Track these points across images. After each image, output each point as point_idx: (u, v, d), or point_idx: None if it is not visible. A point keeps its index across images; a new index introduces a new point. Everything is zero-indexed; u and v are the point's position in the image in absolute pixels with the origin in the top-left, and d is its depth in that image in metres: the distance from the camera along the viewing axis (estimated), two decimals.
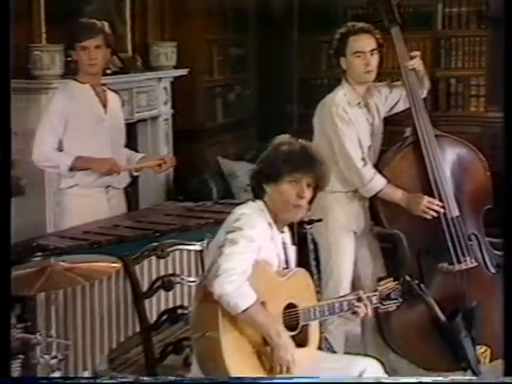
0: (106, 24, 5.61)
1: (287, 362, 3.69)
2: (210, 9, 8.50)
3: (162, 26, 7.93)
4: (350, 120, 4.95)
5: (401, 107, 5.26)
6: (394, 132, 5.28)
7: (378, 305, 4.10)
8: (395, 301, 4.14)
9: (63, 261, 3.87)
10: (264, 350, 3.77)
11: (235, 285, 3.58)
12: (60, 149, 5.26)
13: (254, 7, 9.20)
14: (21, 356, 4.15)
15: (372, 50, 4.98)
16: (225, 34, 8.88)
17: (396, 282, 4.18)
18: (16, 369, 4.21)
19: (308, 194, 3.88)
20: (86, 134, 5.28)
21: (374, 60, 5.01)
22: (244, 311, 3.60)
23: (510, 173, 2.72)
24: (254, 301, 3.62)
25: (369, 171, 4.93)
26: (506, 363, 2.35)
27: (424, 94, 5.20)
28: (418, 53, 5.17)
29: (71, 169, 5.22)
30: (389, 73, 5.40)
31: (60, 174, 5.33)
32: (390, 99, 5.23)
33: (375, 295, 4.08)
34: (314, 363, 3.94)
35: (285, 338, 3.71)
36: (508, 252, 2.51)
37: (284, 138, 4.03)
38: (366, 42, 4.99)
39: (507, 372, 2.38)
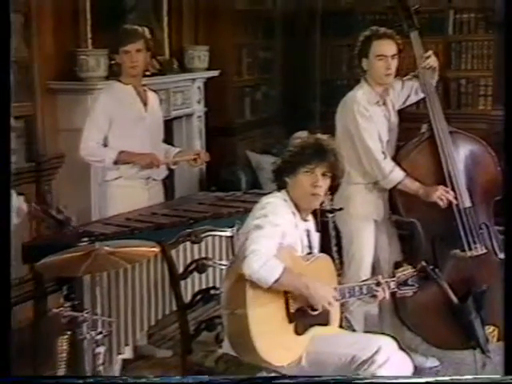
0: (146, 30, 5.61)
1: (325, 301, 3.77)
2: (239, 15, 8.50)
3: (196, 32, 7.94)
4: (370, 117, 4.95)
5: (413, 99, 5.26)
6: (409, 128, 5.25)
7: (396, 290, 4.11)
8: (412, 287, 4.16)
9: (107, 245, 3.88)
10: (286, 324, 3.81)
11: (261, 262, 3.63)
12: (105, 144, 5.29)
13: (280, 14, 9.20)
14: (68, 332, 4.20)
15: (393, 55, 4.97)
16: (253, 38, 8.88)
17: (413, 270, 4.18)
18: (64, 345, 4.25)
19: (323, 183, 3.92)
20: (128, 130, 5.30)
21: (394, 64, 5.00)
22: (274, 283, 3.66)
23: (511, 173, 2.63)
24: (280, 273, 3.66)
25: (388, 164, 4.93)
26: (506, 363, 2.26)
27: (434, 83, 5.18)
28: (431, 52, 5.16)
29: (115, 162, 5.26)
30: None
31: (105, 167, 5.36)
32: (402, 94, 5.22)
33: (393, 281, 4.09)
34: (334, 336, 3.98)
35: (314, 288, 3.75)
36: (508, 253, 2.43)
37: (301, 133, 4.06)
38: (388, 47, 4.97)
39: (507, 372, 2.29)
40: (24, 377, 1.79)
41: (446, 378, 2.67)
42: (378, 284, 4.02)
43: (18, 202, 2.18)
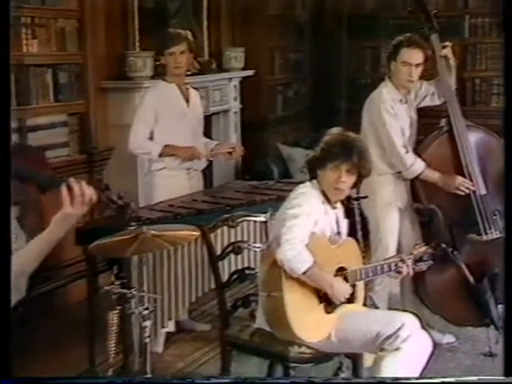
0: (189, 33, 5.60)
1: (342, 298, 3.79)
2: (272, 20, 8.47)
3: (233, 35, 7.93)
4: (395, 114, 4.92)
5: (427, 102, 5.18)
6: (428, 123, 5.21)
7: (413, 266, 4.09)
8: (427, 262, 4.12)
9: (153, 229, 3.87)
10: (322, 304, 3.82)
11: (295, 252, 3.64)
12: (151, 138, 5.28)
13: (309, 18, 9.15)
14: (118, 308, 4.21)
15: (418, 64, 4.91)
16: (284, 41, 8.83)
17: (427, 247, 4.16)
18: (114, 319, 4.26)
19: (347, 179, 3.87)
20: (172, 125, 5.28)
21: (417, 72, 4.95)
22: (303, 273, 3.66)
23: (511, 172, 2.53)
24: (311, 264, 3.66)
25: (410, 157, 4.91)
26: (506, 363, 2.25)
27: (453, 82, 5.12)
28: (448, 43, 5.12)
29: (160, 155, 5.26)
30: None
31: (151, 159, 5.38)
32: (420, 94, 5.15)
33: (410, 258, 4.06)
34: (361, 314, 3.96)
35: (337, 287, 3.77)
36: (508, 253, 2.35)
37: (335, 130, 4.03)
38: (414, 55, 4.90)
39: (507, 372, 2.26)
40: (24, 377, 1.72)
41: (452, 380, 2.53)
42: (402, 261, 4.01)
43: (88, 190, 2.15)
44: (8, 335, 1.78)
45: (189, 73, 5.67)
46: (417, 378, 3.09)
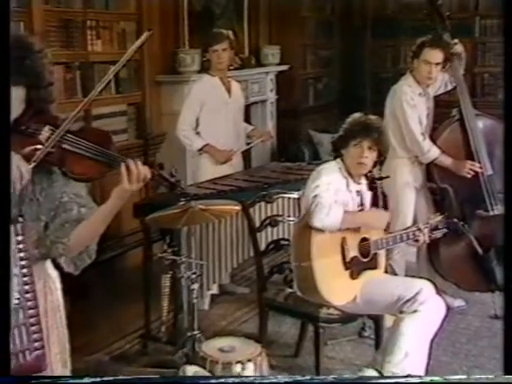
0: (230, 33, 5.57)
1: (384, 223, 3.92)
2: (304, 21, 8.40)
3: (270, 34, 7.86)
4: (414, 105, 4.85)
5: (441, 90, 5.10)
6: (443, 113, 5.12)
7: (429, 234, 4.03)
8: (441, 230, 4.06)
9: (200, 204, 3.84)
10: (348, 271, 3.78)
11: (326, 211, 3.65)
12: (197, 124, 5.25)
13: (337, 19, 9.08)
14: (170, 272, 4.20)
15: (437, 63, 4.82)
16: (315, 39, 8.75)
17: (441, 216, 4.10)
18: (167, 282, 4.26)
19: (369, 154, 3.84)
20: (215, 112, 5.25)
21: (437, 70, 4.86)
22: (340, 224, 3.68)
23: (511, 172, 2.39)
24: (342, 216, 3.68)
25: (427, 144, 4.84)
26: (505, 363, 2.09)
27: (462, 71, 5.04)
28: (457, 40, 5.02)
29: (199, 150, 5.25)
30: None
31: None
32: (435, 85, 5.04)
33: (426, 227, 4.00)
34: (382, 280, 3.92)
35: (373, 217, 3.90)
36: (508, 254, 2.21)
37: (356, 114, 3.99)
38: (435, 55, 4.80)
39: (507, 372, 2.10)
40: (24, 377, 1.66)
41: (452, 380, 2.43)
42: (419, 230, 3.96)
43: (144, 169, 2.12)
44: (8, 335, 1.68)
45: (231, 67, 5.62)
46: (418, 377, 2.98)
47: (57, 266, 2.34)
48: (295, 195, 4.59)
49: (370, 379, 2.64)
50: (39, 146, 2.14)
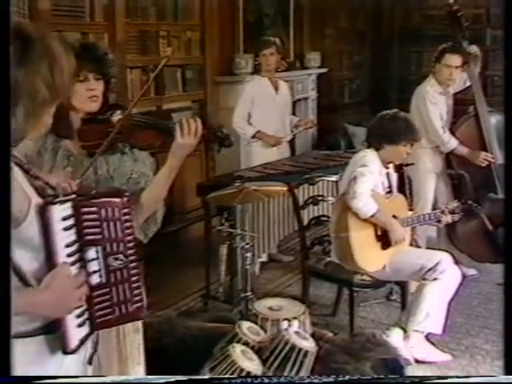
0: (277, 40, 5.52)
1: (400, 239, 3.71)
2: (341, 30, 8.29)
3: (312, 42, 7.73)
4: (435, 103, 4.74)
5: (460, 87, 4.94)
6: (460, 110, 4.95)
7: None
8: (458, 214, 3.98)
9: (253, 185, 3.81)
10: (379, 243, 3.74)
11: (364, 201, 3.60)
12: (249, 117, 5.21)
13: (369, 30, 8.96)
14: (227, 242, 4.19)
15: (457, 66, 4.71)
16: (350, 46, 8.66)
17: (459, 202, 4.04)
18: (224, 251, 4.25)
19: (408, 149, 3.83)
20: (264, 107, 5.19)
21: (457, 73, 4.75)
22: (371, 216, 3.63)
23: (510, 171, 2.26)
24: (376, 210, 3.62)
25: (447, 136, 4.73)
26: (506, 363, 1.94)
27: (477, 71, 4.90)
28: (474, 46, 4.90)
29: (252, 137, 5.20)
30: None
31: None
32: (456, 84, 4.90)
33: (448, 210, 3.93)
34: (408, 251, 3.85)
35: (396, 226, 3.71)
36: (508, 254, 2.09)
37: (388, 111, 3.92)
38: (455, 60, 4.69)
39: (507, 372, 1.94)
40: (24, 377, 1.62)
41: (452, 379, 2.29)
42: (443, 212, 3.91)
43: (195, 124, 2.07)
44: (8, 334, 1.61)
45: (279, 69, 5.55)
46: (419, 378, 2.87)
47: None
48: (334, 178, 4.55)
49: (369, 379, 2.53)
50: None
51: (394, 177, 3.97)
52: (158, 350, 2.88)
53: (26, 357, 1.59)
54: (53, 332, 1.63)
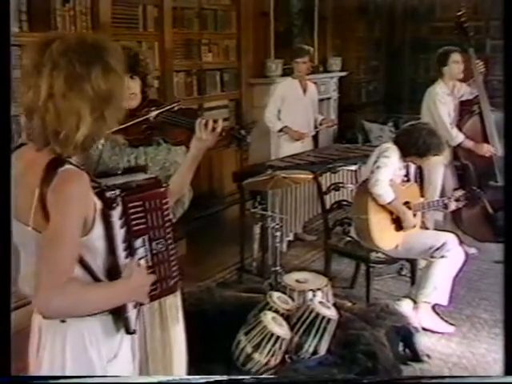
0: (311, 48, 5.48)
1: (410, 225, 3.63)
2: (359, 39, 8.16)
3: (334, 48, 7.61)
4: (444, 103, 4.63)
5: (467, 97, 4.79)
6: (466, 109, 4.80)
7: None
8: (462, 201, 3.88)
9: (282, 173, 3.74)
10: (393, 225, 3.66)
11: (384, 189, 3.52)
12: (279, 113, 5.12)
13: (384, 38, 8.80)
14: (259, 223, 4.14)
15: (460, 62, 4.67)
16: (367, 52, 8.48)
17: (464, 191, 3.93)
18: (257, 230, 4.19)
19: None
20: (293, 105, 5.10)
21: (462, 67, 4.69)
22: (388, 203, 3.55)
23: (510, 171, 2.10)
24: (393, 198, 3.54)
25: (454, 131, 4.61)
26: (506, 363, 1.83)
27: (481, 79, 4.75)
28: (481, 62, 4.75)
29: (279, 131, 5.13)
30: None
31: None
32: (462, 92, 4.77)
33: (454, 198, 3.84)
34: (418, 232, 3.75)
35: (408, 215, 3.63)
36: (508, 253, 1.92)
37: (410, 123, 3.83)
38: (459, 57, 4.66)
39: (507, 372, 1.83)
40: (24, 377, 1.58)
41: (452, 379, 2.10)
42: (450, 199, 3.83)
43: (213, 124, 2.02)
44: (8, 334, 1.57)
45: (308, 73, 5.46)
46: (419, 378, 2.75)
47: None
48: (353, 168, 4.48)
49: (370, 379, 2.45)
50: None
51: (413, 167, 3.87)
52: (198, 314, 2.87)
53: (95, 334, 1.59)
54: (115, 313, 1.61)
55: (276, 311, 2.83)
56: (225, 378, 1.73)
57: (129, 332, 1.64)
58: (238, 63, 5.99)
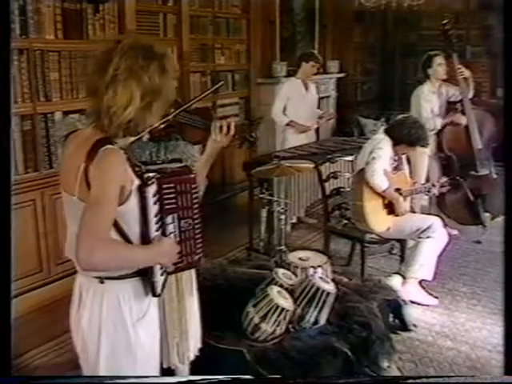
0: (320, 56, 5.38)
1: (402, 211, 3.59)
2: (356, 45, 8.03)
3: (333, 53, 7.51)
4: (429, 100, 4.56)
5: (455, 98, 4.68)
6: (450, 108, 4.73)
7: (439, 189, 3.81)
8: (446, 187, 3.82)
9: (287, 163, 3.69)
10: (385, 210, 3.62)
11: (380, 178, 3.48)
12: (284, 109, 5.04)
13: (378, 45, 8.66)
14: (266, 207, 4.10)
15: (444, 64, 4.59)
16: (363, 57, 8.34)
17: (447, 178, 3.87)
18: (264, 213, 4.14)
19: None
20: (296, 102, 5.03)
21: (445, 68, 4.60)
22: (383, 191, 3.51)
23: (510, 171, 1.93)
24: (387, 186, 3.50)
25: (435, 120, 4.54)
26: (506, 363, 1.70)
27: (471, 95, 4.63)
28: (463, 67, 4.61)
29: (286, 125, 5.06)
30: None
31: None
32: (450, 93, 4.65)
33: (438, 184, 3.79)
34: (407, 216, 3.68)
35: (400, 202, 3.58)
36: (508, 254, 1.82)
37: (403, 116, 3.76)
38: (442, 59, 4.58)
39: (507, 372, 1.70)
40: (24, 377, 1.53)
41: (451, 380, 1.86)
42: (433, 185, 3.77)
43: (227, 126, 1.97)
44: (8, 335, 1.54)
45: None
46: (419, 378, 2.67)
47: None
48: (349, 159, 4.39)
49: (369, 379, 2.36)
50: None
51: (404, 157, 3.80)
52: (212, 288, 2.85)
53: (127, 295, 1.64)
54: (144, 275, 1.66)
55: (281, 286, 2.79)
56: (226, 377, 1.69)
57: (155, 295, 1.68)
58: (248, 65, 5.92)
